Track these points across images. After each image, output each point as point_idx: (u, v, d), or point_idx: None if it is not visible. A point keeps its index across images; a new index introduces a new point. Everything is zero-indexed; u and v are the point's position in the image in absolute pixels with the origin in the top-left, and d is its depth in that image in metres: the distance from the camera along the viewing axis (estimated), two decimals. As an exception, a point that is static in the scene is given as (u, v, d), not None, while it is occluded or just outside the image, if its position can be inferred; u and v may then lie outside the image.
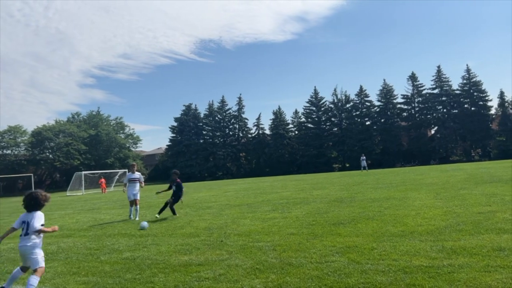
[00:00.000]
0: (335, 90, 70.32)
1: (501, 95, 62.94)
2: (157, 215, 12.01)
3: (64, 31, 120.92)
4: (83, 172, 43.99)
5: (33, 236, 4.79)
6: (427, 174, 23.95)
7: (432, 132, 67.09)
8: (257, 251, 6.43)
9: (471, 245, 5.64)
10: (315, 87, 72.24)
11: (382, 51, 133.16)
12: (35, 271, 4.78)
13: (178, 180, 12.26)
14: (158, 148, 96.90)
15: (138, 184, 13.12)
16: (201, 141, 73.69)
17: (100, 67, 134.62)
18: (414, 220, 8.06)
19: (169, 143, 75.83)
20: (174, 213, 12.00)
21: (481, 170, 23.20)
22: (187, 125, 73.55)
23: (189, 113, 75.46)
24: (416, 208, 9.68)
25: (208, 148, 71.62)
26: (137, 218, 12.37)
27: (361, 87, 68.53)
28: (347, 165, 64.19)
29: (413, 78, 66.13)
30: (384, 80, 67.97)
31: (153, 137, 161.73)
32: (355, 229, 7.65)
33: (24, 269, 5.02)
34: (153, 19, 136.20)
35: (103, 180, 41.10)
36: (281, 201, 14.16)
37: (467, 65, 72.64)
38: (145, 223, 10.07)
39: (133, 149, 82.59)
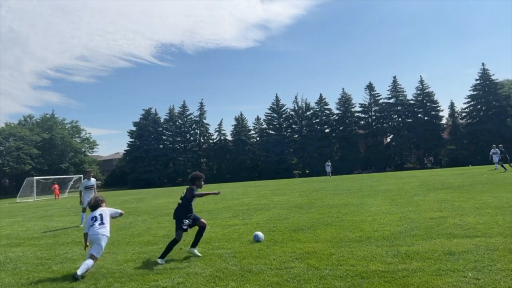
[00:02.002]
0: (296, 97, 71.68)
1: (451, 106, 66.54)
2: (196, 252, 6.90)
3: (18, 31, 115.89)
4: (35, 178, 41.90)
5: (107, 226, 6.32)
6: (383, 180, 24.72)
7: (388, 140, 69.55)
8: (217, 258, 6.36)
9: (424, 249, 5.85)
10: (276, 94, 73.45)
11: (341, 61, 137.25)
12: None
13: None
14: (116, 153, 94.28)
15: (93, 191, 12.76)
16: (161, 146, 72.42)
17: (56, 68, 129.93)
18: (371, 225, 8.28)
19: (127, 148, 73.95)
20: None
21: (433, 177, 24.24)
22: (146, 129, 72.07)
23: (148, 117, 74.03)
24: (373, 214, 9.95)
25: (168, 154, 70.46)
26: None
27: (321, 95, 70.22)
28: (307, 171, 65.19)
29: (370, 87, 68.33)
30: (343, 89, 70.18)
31: (111, 141, 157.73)
32: (314, 235, 7.75)
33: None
34: (113, 21, 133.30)
35: (56, 186, 39.37)
36: (242, 208, 14.13)
37: (420, 76, 76.36)
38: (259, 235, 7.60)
39: (89, 154, 79.90)
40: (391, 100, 67.18)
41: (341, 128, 67.64)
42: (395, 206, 11.19)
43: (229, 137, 73.47)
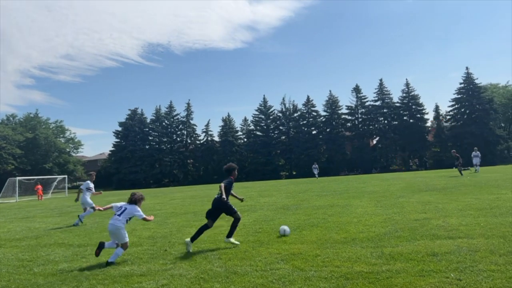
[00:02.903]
0: (283, 99, 72.07)
1: (436, 109, 67.49)
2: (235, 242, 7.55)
3: (1, 28, 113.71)
4: (18, 178, 41.10)
5: (123, 220, 6.71)
6: (369, 182, 24.91)
7: (374, 142, 70.22)
8: (202, 260, 6.32)
9: (408, 250, 5.91)
10: (264, 95, 73.76)
11: (329, 63, 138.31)
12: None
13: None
14: (101, 154, 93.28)
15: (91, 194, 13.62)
16: (147, 147, 71.88)
17: (40, 67, 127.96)
18: (356, 227, 8.32)
19: (113, 149, 73.17)
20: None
21: (418, 179, 24.50)
22: (132, 130, 71.45)
23: (134, 117, 73.40)
24: (358, 216, 10.01)
25: (154, 154, 69.97)
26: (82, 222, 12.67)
27: (308, 97, 70.66)
28: (294, 172, 65.42)
29: (357, 90, 68.96)
30: (330, 91, 70.86)
31: (96, 142, 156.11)
32: (300, 236, 7.76)
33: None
34: (99, 20, 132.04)
35: (39, 186, 38.66)
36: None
37: (406, 79, 77.30)
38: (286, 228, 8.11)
39: (73, 154, 79.02)
40: (378, 103, 67.89)
41: (328, 130, 68.09)
42: (380, 208, 11.29)
43: (216, 138, 73.39)
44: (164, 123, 73.57)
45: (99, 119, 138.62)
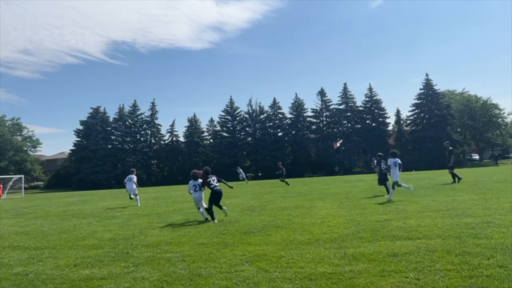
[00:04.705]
0: (250, 101, 72.24)
1: (397, 113, 69.80)
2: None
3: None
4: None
5: (201, 192, 11.03)
6: (333, 184, 25.37)
7: (338, 144, 71.61)
8: (165, 262, 6.21)
9: (370, 251, 6.05)
10: (231, 96, 73.40)
11: (295, 66, 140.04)
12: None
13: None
14: (61, 153, 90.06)
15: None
16: (109, 146, 69.95)
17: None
18: (320, 228, 8.44)
19: (73, 148, 70.69)
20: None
21: (379, 181, 25.13)
22: (94, 129, 69.33)
23: (97, 116, 71.27)
24: (322, 217, 10.16)
25: (117, 154, 68.20)
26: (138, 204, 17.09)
27: (274, 99, 71.18)
28: (260, 174, 65.60)
29: (322, 93, 70.17)
30: (296, 94, 71.49)
31: (55, 141, 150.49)
32: (265, 237, 7.78)
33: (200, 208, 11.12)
34: (60, 15, 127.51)
35: (0, 185, 36.79)
36: (192, 210, 13.90)
37: (369, 84, 79.47)
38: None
39: (31, 153, 75.76)
40: (342, 106, 69.35)
41: (293, 132, 68.87)
42: (343, 209, 11.50)
43: (181, 139, 72.45)
44: (127, 123, 71.87)
45: (59, 117, 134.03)
